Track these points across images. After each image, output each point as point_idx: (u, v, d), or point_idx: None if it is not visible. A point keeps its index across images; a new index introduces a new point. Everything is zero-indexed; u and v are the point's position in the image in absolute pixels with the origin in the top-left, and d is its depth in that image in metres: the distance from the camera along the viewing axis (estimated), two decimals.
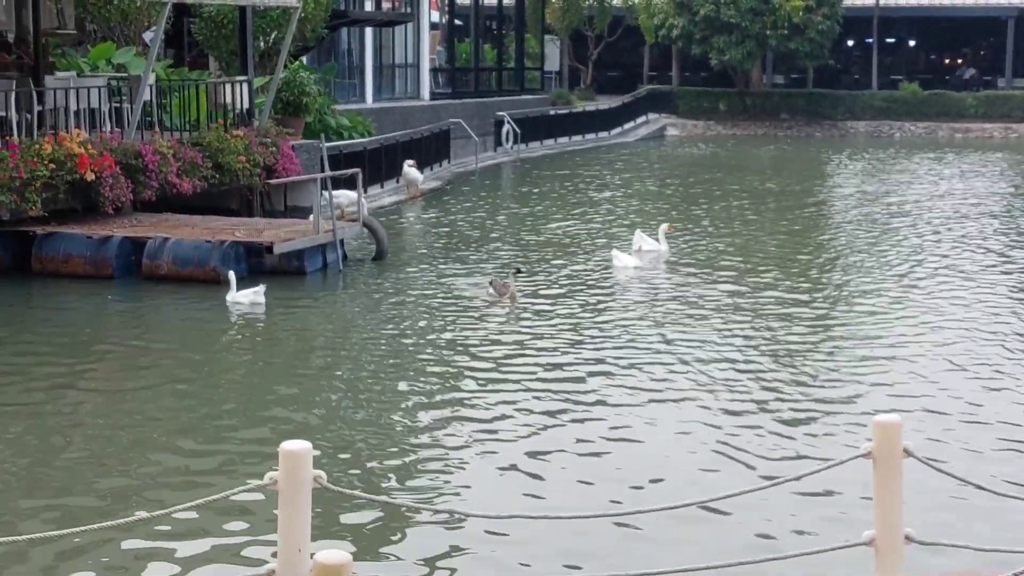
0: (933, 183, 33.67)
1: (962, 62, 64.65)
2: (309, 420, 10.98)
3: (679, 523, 8.22)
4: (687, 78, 60.48)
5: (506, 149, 40.04)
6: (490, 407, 11.32)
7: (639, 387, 11.98)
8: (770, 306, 16.01)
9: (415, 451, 10.11)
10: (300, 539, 4.50)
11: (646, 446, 10.15)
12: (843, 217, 26.43)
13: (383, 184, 27.95)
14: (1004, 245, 21.84)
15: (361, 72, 37.89)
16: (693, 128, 55.52)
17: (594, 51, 60.15)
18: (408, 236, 23.22)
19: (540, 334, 14.28)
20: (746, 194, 30.55)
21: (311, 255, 18.13)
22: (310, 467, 4.55)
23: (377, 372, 12.78)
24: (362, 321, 15.40)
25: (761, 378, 12.32)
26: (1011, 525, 8.18)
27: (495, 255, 20.29)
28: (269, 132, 21.46)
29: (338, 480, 8.69)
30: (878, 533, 5.09)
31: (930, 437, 10.24)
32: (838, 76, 61.75)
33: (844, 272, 19.05)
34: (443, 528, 8.41)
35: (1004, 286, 17.66)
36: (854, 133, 54.72)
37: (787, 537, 8.15)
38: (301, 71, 24.74)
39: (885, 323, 15.11)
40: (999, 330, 14.60)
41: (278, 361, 13.31)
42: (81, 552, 7.88)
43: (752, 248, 21.31)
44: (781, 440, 10.37)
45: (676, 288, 17.34)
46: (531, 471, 9.58)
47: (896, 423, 5.10)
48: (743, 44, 52.70)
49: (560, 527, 8.18)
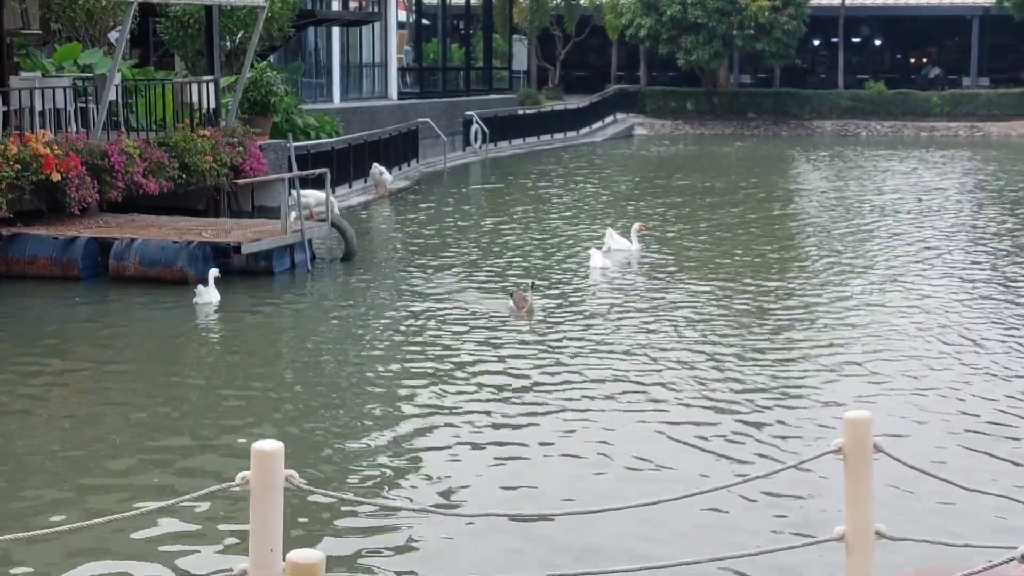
0: (898, 180, 33.88)
1: (927, 61, 65.10)
2: (279, 420, 10.94)
3: (649, 521, 8.23)
4: (654, 78, 60.66)
5: (475, 149, 40.04)
6: (460, 406, 11.31)
7: (610, 385, 11.98)
8: (741, 303, 16.05)
9: (387, 450, 10.09)
10: (272, 539, 4.48)
11: (616, 445, 10.14)
12: (811, 215, 26.56)
13: (351, 184, 27.90)
14: (969, 241, 22.00)
15: (328, 72, 37.79)
16: (661, 128, 55.66)
17: (562, 51, 60.22)
18: (377, 236, 23.18)
19: (510, 334, 14.28)
20: (714, 192, 30.65)
21: (279, 255, 18.07)
22: (282, 467, 4.53)
23: (345, 371, 12.75)
24: (330, 321, 15.36)
25: (731, 376, 12.35)
26: (982, 519, 8.24)
27: (464, 256, 20.28)
28: (236, 132, 21.38)
29: (310, 479, 8.66)
30: (849, 529, 5.10)
31: (900, 433, 10.28)
32: (804, 76, 62.06)
33: (813, 269, 19.13)
34: (415, 526, 8.39)
35: (968, 282, 17.78)
36: (820, 132, 54.98)
37: (758, 534, 8.16)
38: (268, 71, 24.64)
39: (856, 318, 15.18)
40: (968, 325, 14.69)
41: (247, 361, 13.26)
42: (47, 553, 7.82)
43: (722, 246, 21.38)
44: (752, 437, 10.40)
45: (647, 287, 17.38)
46: (500, 469, 9.57)
47: (866, 419, 5.12)
48: (710, 44, 52.89)
49: (530, 525, 8.18)
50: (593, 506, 8.27)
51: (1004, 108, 55.05)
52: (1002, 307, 16.02)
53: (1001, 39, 60.82)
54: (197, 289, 15.65)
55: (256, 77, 23.56)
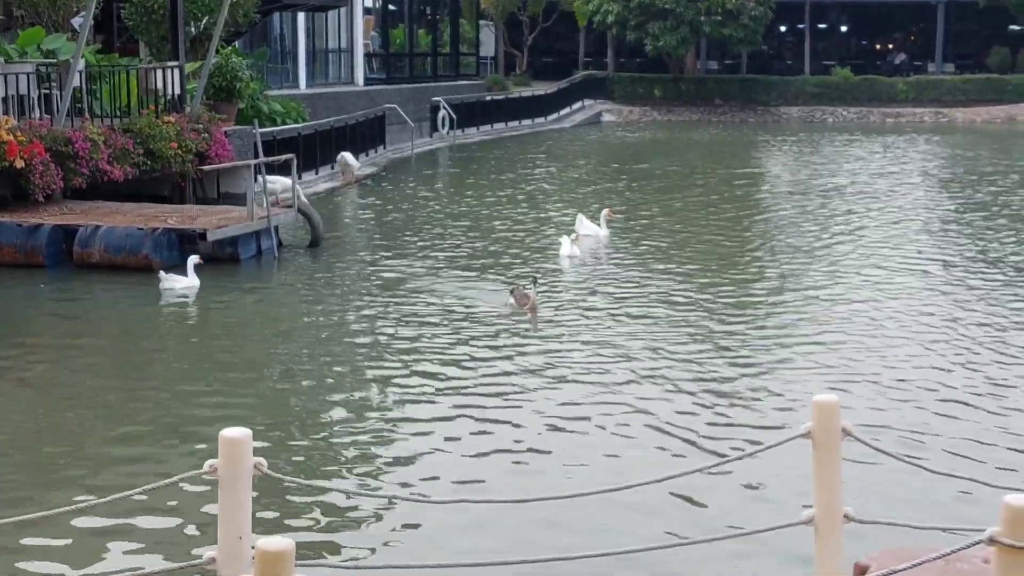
0: (864, 166, 34.02)
1: (893, 47, 65.38)
2: (246, 407, 10.89)
3: (618, 506, 8.24)
4: (622, 64, 60.67)
5: (442, 135, 39.96)
6: (428, 393, 11.28)
7: (578, 372, 11.99)
8: (708, 289, 16.09)
9: (356, 436, 10.06)
10: (241, 526, 4.45)
11: (585, 434, 10.13)
12: (777, 200, 26.65)
13: (318, 170, 27.79)
14: (932, 226, 22.12)
15: (294, 57, 37.62)
16: (629, 114, 55.70)
17: (529, 36, 60.15)
18: (343, 223, 23.10)
19: (479, 321, 14.26)
20: (682, 178, 30.70)
21: (245, 242, 17.98)
22: (250, 454, 4.50)
23: (313, 358, 12.70)
24: (297, 308, 15.30)
25: (700, 360, 12.37)
26: (949, 503, 8.29)
27: (433, 242, 20.23)
28: (201, 118, 21.25)
29: (278, 467, 8.62)
30: (817, 512, 5.11)
31: (868, 417, 10.32)
32: (771, 62, 62.22)
33: (779, 253, 19.18)
34: (384, 513, 8.37)
35: (933, 266, 17.87)
36: (787, 118, 55.14)
37: (727, 517, 8.18)
38: (233, 56, 24.50)
39: (824, 302, 15.23)
40: (935, 309, 14.77)
41: (214, 349, 13.19)
42: (12, 542, 7.76)
43: (689, 231, 21.42)
44: (721, 422, 10.42)
45: (615, 274, 17.39)
46: (471, 455, 9.56)
47: (835, 403, 5.12)
48: (677, 30, 52.93)
49: (502, 511, 8.18)
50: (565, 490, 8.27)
51: (969, 94, 55.35)
52: (967, 291, 16.09)
53: (966, 25, 61.13)
54: (160, 275, 15.60)
55: (221, 63, 23.42)
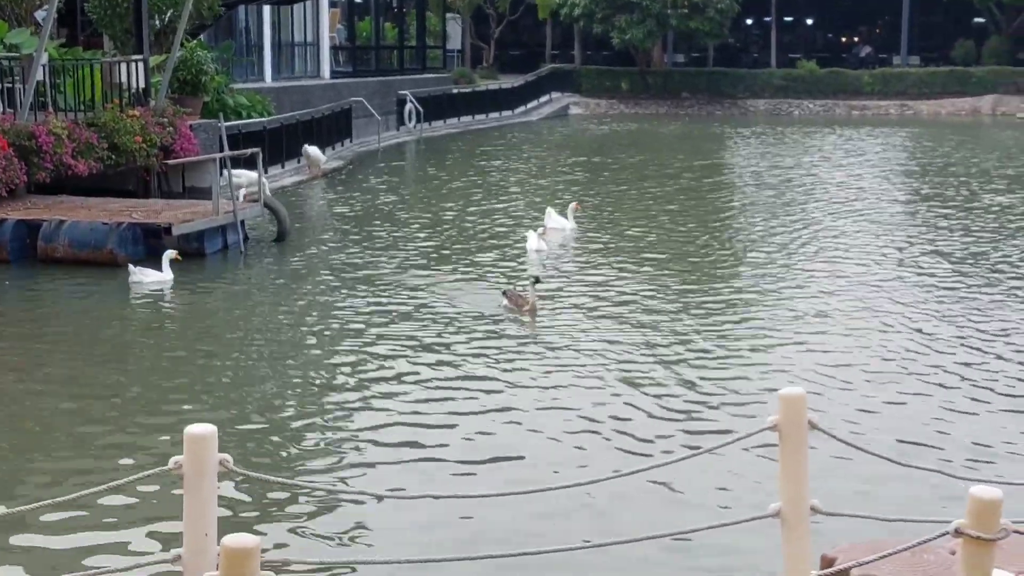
0: (828, 159, 34.17)
1: (859, 40, 65.68)
2: (212, 403, 10.84)
3: (586, 500, 8.24)
4: (589, 57, 60.73)
5: (409, 128, 39.87)
6: (396, 388, 11.26)
7: (543, 367, 11.99)
8: (675, 283, 16.12)
9: (322, 432, 10.03)
10: (207, 523, 4.42)
11: (550, 428, 10.13)
12: (743, 193, 26.73)
13: (284, 164, 27.69)
14: (898, 218, 22.25)
15: (259, 50, 37.44)
16: (596, 107, 55.75)
17: (496, 29, 60.12)
18: (310, 217, 23.03)
19: (447, 313, 14.24)
20: (649, 171, 30.75)
21: (211, 236, 17.89)
22: (215, 450, 4.47)
23: (279, 354, 12.65)
24: (263, 303, 15.24)
25: (667, 354, 12.40)
26: (915, 495, 8.33)
27: (399, 236, 20.19)
28: (166, 112, 21.13)
29: (245, 463, 8.58)
30: (784, 505, 5.11)
31: (835, 409, 10.37)
32: (738, 55, 62.43)
33: (745, 247, 19.24)
34: (350, 509, 8.35)
35: (897, 258, 17.97)
36: (754, 111, 55.32)
37: (694, 511, 8.20)
38: (198, 50, 24.36)
39: (789, 294, 15.29)
40: (898, 300, 14.85)
41: (179, 344, 13.12)
42: None
43: (655, 224, 21.45)
44: (687, 415, 10.44)
45: (582, 268, 17.41)
46: (435, 451, 9.54)
47: (801, 395, 5.13)
48: (644, 23, 53.00)
49: (467, 506, 8.17)
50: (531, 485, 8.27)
51: (934, 87, 55.65)
52: (933, 284, 16.19)
53: (931, 18, 61.48)
54: (129, 268, 15.57)
55: (186, 56, 23.29)
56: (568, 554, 6.75)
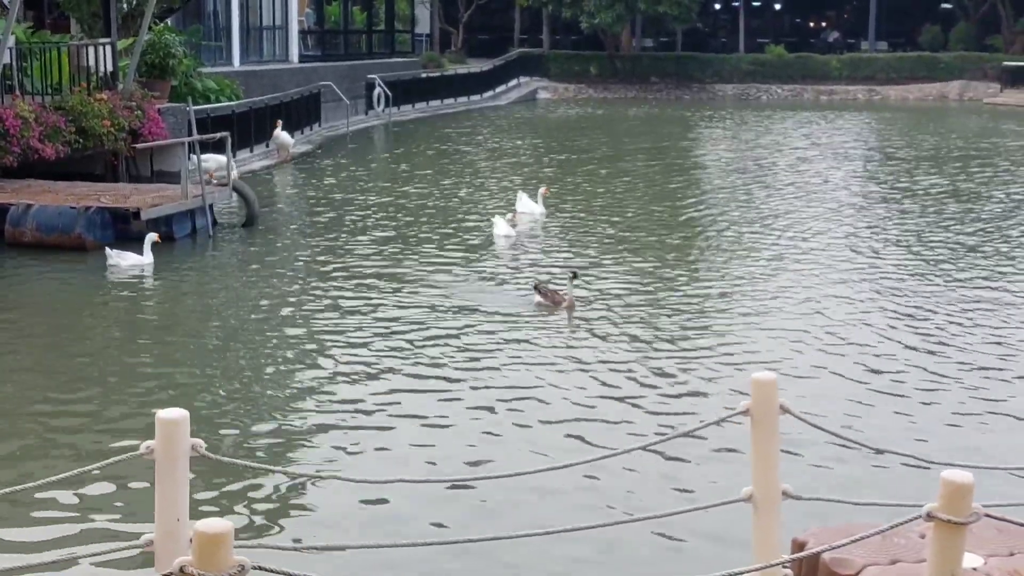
0: (797, 143, 34.27)
1: (826, 25, 65.87)
2: (183, 388, 10.79)
3: (559, 485, 8.25)
4: (558, 41, 60.67)
5: (377, 112, 39.73)
6: (364, 372, 11.24)
7: (516, 354, 11.98)
8: (641, 267, 16.15)
9: (292, 417, 10.00)
10: (178, 509, 4.40)
11: (525, 413, 10.13)
12: (711, 178, 26.78)
13: (252, 148, 27.57)
14: (866, 204, 22.35)
15: (228, 34, 37.24)
16: (564, 91, 55.71)
17: (465, 14, 59.97)
18: (279, 201, 22.94)
19: (415, 298, 14.22)
20: (617, 155, 30.76)
21: (179, 221, 17.80)
22: (187, 435, 4.45)
23: (249, 338, 12.60)
24: (233, 287, 15.18)
25: (636, 339, 12.42)
26: (886, 478, 8.37)
27: (367, 220, 20.14)
28: (134, 95, 20.98)
29: (216, 448, 8.55)
30: (756, 489, 5.13)
31: (806, 393, 10.41)
32: (706, 39, 62.50)
33: (715, 232, 19.27)
34: (322, 494, 8.33)
35: (866, 245, 18.06)
36: (722, 96, 55.41)
37: (666, 495, 8.22)
38: (166, 33, 24.20)
39: (760, 278, 15.33)
40: (868, 288, 14.92)
41: (149, 329, 13.05)
42: None
43: (625, 208, 21.47)
44: (659, 400, 10.46)
45: (550, 254, 17.41)
46: (406, 435, 9.53)
47: (772, 380, 5.15)
48: (613, 8, 52.96)
49: (440, 491, 8.17)
50: (505, 470, 8.28)
51: (901, 72, 55.88)
52: (904, 269, 16.28)
53: (898, 3, 61.68)
54: (107, 251, 15.55)
55: (154, 40, 23.13)
56: (541, 537, 6.75)
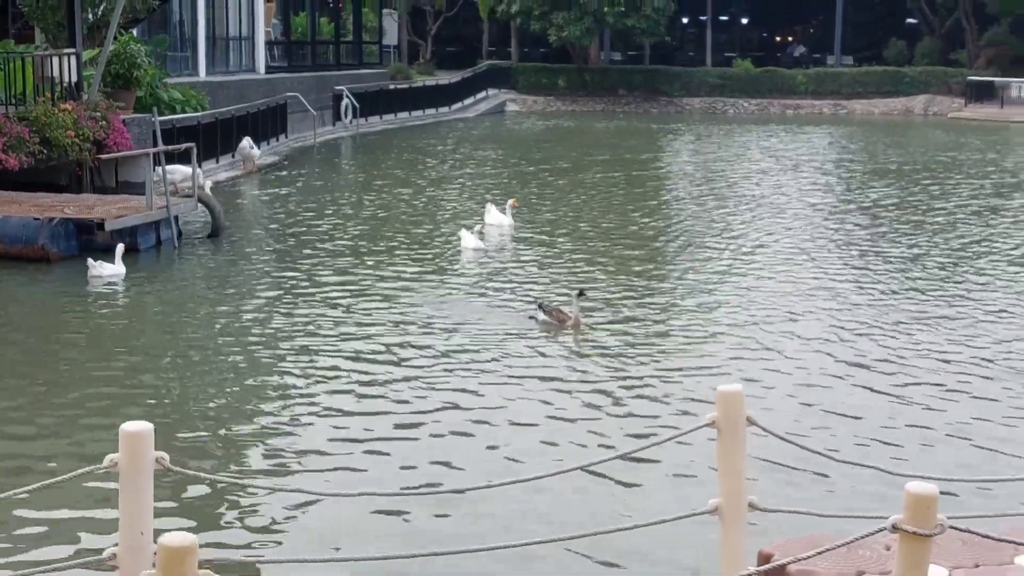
0: (764, 156, 34.44)
1: (793, 40, 66.28)
2: (148, 400, 10.72)
3: (524, 497, 8.24)
4: (526, 54, 60.80)
5: (345, 124, 39.68)
6: (329, 384, 11.20)
7: (482, 366, 11.97)
8: (609, 280, 16.17)
9: (257, 430, 9.95)
10: (143, 522, 4.37)
11: (492, 425, 10.11)
12: (679, 190, 26.86)
13: (218, 159, 27.47)
14: (830, 215, 22.46)
15: (194, 44, 37.09)
16: (533, 104, 55.81)
17: (433, 26, 60.01)
18: (244, 212, 22.86)
19: (378, 311, 14.19)
20: (585, 167, 30.81)
21: (144, 232, 17.72)
22: (151, 448, 4.42)
23: (214, 351, 12.53)
24: (197, 299, 15.10)
25: (604, 351, 12.42)
26: (851, 490, 8.40)
27: (334, 232, 20.09)
28: (99, 106, 20.89)
29: (181, 461, 8.49)
30: (723, 501, 5.14)
31: (772, 406, 10.43)
32: (674, 53, 62.76)
33: (682, 243, 19.33)
34: (287, 507, 8.29)
35: (830, 254, 18.14)
36: (689, 109, 55.63)
37: (633, 507, 8.21)
38: (132, 43, 24.09)
39: (726, 289, 15.37)
40: (833, 297, 14.98)
41: (113, 341, 12.96)
42: None
43: (593, 220, 21.50)
44: (626, 412, 10.47)
45: (516, 267, 17.41)
46: (374, 447, 9.50)
47: (739, 392, 5.16)
48: (581, 21, 53.11)
49: (407, 503, 8.14)
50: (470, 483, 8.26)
51: (867, 86, 56.26)
52: (873, 279, 16.35)
53: (864, 18, 62.13)
54: (88, 262, 15.51)
55: (119, 50, 23.03)
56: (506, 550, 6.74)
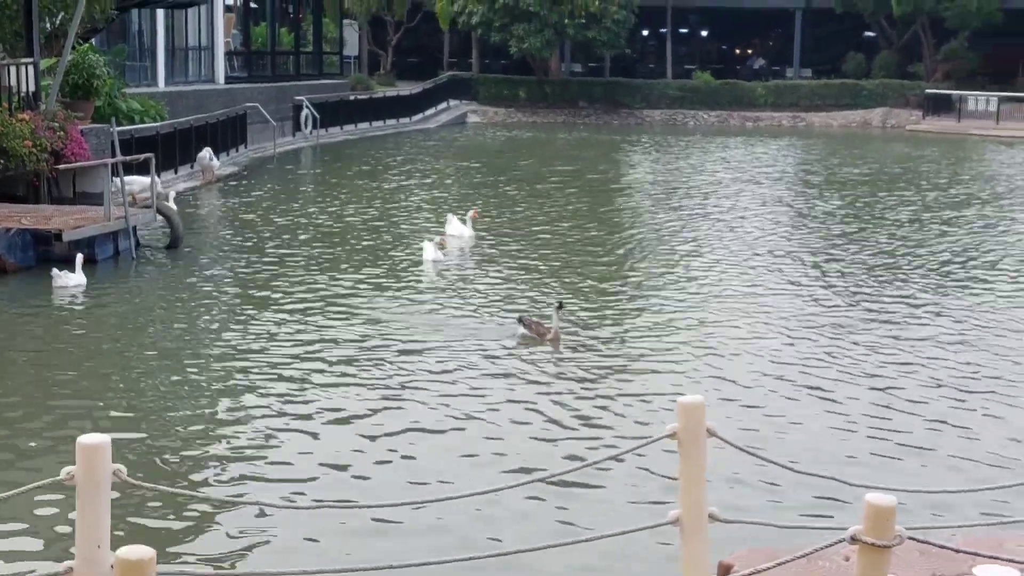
0: (720, 168, 34.61)
1: (752, 52, 66.68)
2: (104, 412, 10.63)
3: (486, 509, 8.22)
4: (487, 65, 60.88)
5: (305, 134, 39.59)
6: (288, 396, 11.15)
7: (442, 377, 11.95)
8: (572, 291, 16.18)
9: (215, 442, 9.89)
10: (100, 535, 4.32)
11: (449, 436, 10.09)
12: (639, 201, 26.94)
13: (177, 170, 27.34)
14: (790, 225, 22.59)
15: (153, 54, 36.94)
16: (494, 115, 55.87)
17: (394, 36, 59.96)
18: (204, 223, 22.74)
19: (340, 324, 14.15)
20: (545, 178, 30.86)
21: (102, 243, 17.60)
22: (109, 461, 4.38)
23: (172, 363, 12.44)
24: (155, 311, 15.00)
25: (565, 363, 12.43)
26: (811, 502, 8.43)
27: (293, 243, 20.02)
28: (57, 116, 20.72)
29: (139, 473, 8.43)
30: (683, 512, 5.14)
31: (732, 416, 10.47)
32: (634, 65, 63.00)
33: (642, 255, 19.38)
34: (244, 520, 8.23)
35: (787, 264, 18.24)
36: (650, 121, 55.83)
37: (593, 519, 8.21)
38: (90, 53, 23.93)
39: (687, 300, 15.42)
40: (791, 308, 15.05)
41: (71, 352, 12.85)
42: None
43: (553, 231, 21.52)
44: (587, 424, 10.47)
45: (479, 278, 17.41)
46: (334, 458, 9.46)
47: (700, 403, 5.16)
48: (542, 33, 53.22)
49: (366, 517, 8.11)
50: (430, 495, 8.24)
51: (826, 99, 56.65)
52: (827, 290, 16.44)
53: (823, 31, 62.59)
54: (53, 272, 15.45)
55: (78, 60, 22.88)
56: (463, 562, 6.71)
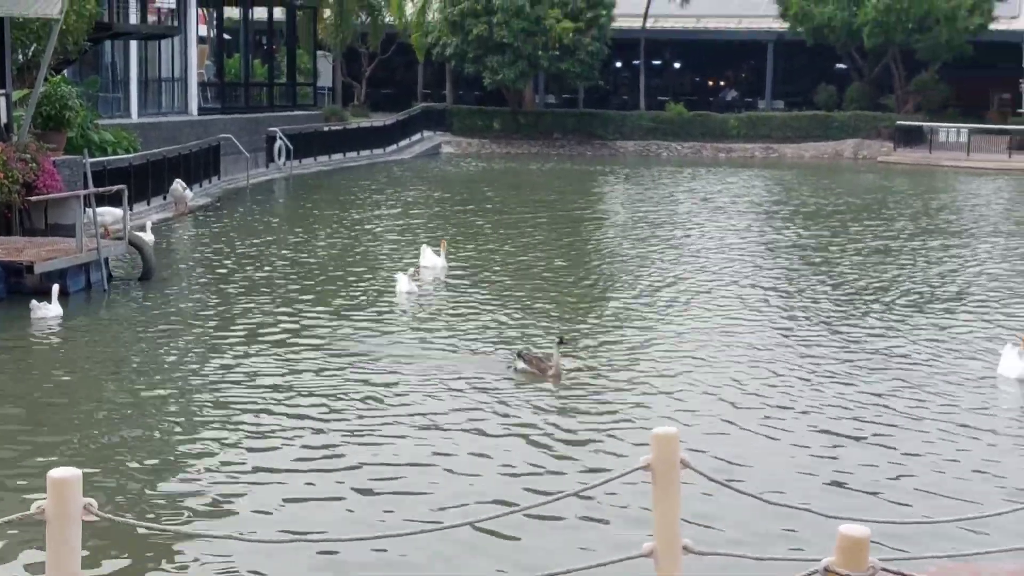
0: (691, 199, 34.75)
1: (725, 84, 67.04)
2: (75, 447, 10.55)
3: (457, 544, 8.18)
4: (461, 96, 61.01)
5: (278, 165, 39.55)
6: (260, 429, 11.09)
7: (416, 410, 11.92)
8: (543, 320, 16.18)
9: (186, 476, 9.82)
10: (70, 569, 4.30)
11: (424, 470, 10.06)
12: (611, 232, 26.99)
13: (150, 201, 27.27)
14: (763, 255, 22.66)
15: (126, 86, 36.91)
16: (468, 146, 55.96)
17: (368, 68, 60.03)
18: (176, 254, 22.67)
19: (313, 356, 14.10)
20: (518, 209, 30.91)
21: (74, 275, 17.51)
22: (79, 495, 4.35)
23: (143, 397, 12.36)
24: (127, 344, 14.92)
25: (536, 395, 12.41)
26: (786, 533, 8.42)
27: (266, 275, 19.97)
28: (29, 147, 20.63)
29: (110, 507, 8.36)
30: (657, 544, 5.13)
31: (706, 448, 10.46)
32: (608, 97, 63.23)
33: (611, 286, 19.40)
34: (216, 554, 8.18)
35: (756, 295, 18.29)
36: (623, 152, 56.01)
37: (567, 552, 8.18)
38: (63, 85, 23.91)
39: (659, 330, 15.43)
40: (758, 340, 15.09)
41: (40, 385, 12.76)
42: None
43: (526, 262, 21.54)
44: (560, 456, 10.45)
45: (452, 310, 17.39)
46: (305, 491, 9.42)
47: (673, 435, 5.17)
48: (515, 64, 53.35)
49: (337, 550, 8.07)
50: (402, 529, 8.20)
51: (797, 130, 56.94)
52: (795, 322, 16.49)
53: (794, 63, 62.98)
54: (32, 304, 15.45)
55: (50, 91, 22.83)
56: None
